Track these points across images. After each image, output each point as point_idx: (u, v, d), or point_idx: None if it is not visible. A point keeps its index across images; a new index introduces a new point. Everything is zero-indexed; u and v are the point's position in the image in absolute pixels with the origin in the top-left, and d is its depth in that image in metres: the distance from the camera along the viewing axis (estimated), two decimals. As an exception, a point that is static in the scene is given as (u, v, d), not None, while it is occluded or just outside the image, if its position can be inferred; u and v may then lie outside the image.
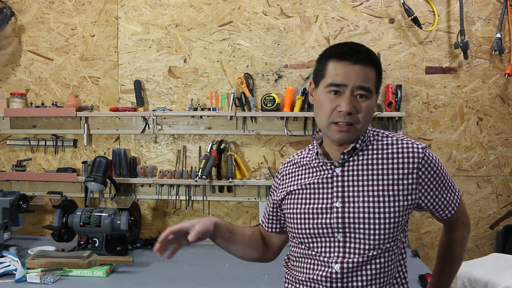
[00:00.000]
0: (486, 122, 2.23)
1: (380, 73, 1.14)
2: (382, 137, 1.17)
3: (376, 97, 1.14)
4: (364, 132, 1.15)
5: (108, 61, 2.36)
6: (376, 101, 1.15)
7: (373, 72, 1.11)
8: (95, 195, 2.35)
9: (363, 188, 1.13)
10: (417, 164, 1.11)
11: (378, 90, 1.16)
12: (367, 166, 1.14)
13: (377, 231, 1.11)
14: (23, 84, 2.41)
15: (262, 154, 2.30)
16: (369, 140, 1.16)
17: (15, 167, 2.35)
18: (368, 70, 1.09)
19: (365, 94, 1.09)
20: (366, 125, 1.13)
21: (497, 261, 1.84)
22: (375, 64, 1.12)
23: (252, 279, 1.78)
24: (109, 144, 2.38)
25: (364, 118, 1.10)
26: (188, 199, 2.32)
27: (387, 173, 1.12)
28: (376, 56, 1.16)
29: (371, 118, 1.14)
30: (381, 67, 1.15)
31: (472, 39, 2.20)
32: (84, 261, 1.77)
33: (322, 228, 1.15)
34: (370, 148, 1.16)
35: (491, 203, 2.26)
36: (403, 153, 1.13)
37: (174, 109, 2.33)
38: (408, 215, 1.16)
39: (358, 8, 2.24)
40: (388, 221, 1.11)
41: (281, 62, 2.28)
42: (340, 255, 1.13)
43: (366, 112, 1.10)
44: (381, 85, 1.18)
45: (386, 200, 1.11)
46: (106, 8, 2.34)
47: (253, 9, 2.27)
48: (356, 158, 1.15)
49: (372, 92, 1.10)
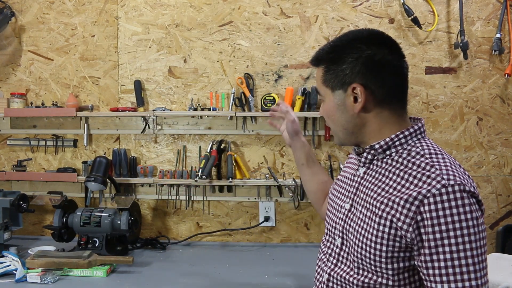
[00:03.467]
0: (486, 122, 2.24)
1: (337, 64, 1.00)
2: (416, 154, 0.96)
3: (334, 95, 1.02)
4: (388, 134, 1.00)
5: (108, 61, 2.36)
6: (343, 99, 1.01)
7: (320, 71, 1.05)
8: (95, 195, 2.35)
9: (367, 197, 0.99)
10: (422, 196, 0.87)
11: (341, 86, 1.00)
12: (382, 175, 0.99)
13: (363, 251, 0.96)
14: (23, 84, 2.41)
15: (262, 154, 2.30)
16: (401, 145, 1.00)
17: (15, 167, 2.35)
18: (318, 70, 1.06)
19: (319, 97, 1.10)
20: (334, 129, 1.07)
21: (497, 261, 1.84)
22: (322, 60, 1.04)
23: (252, 279, 1.78)
24: (109, 144, 2.38)
25: (327, 121, 1.08)
26: (188, 199, 2.32)
27: (391, 192, 0.94)
28: (332, 48, 1.02)
29: (336, 121, 1.05)
30: (338, 57, 1.00)
31: (472, 39, 2.20)
32: (84, 261, 1.77)
33: (330, 226, 1.10)
34: (396, 158, 0.99)
35: (491, 203, 2.26)
36: (419, 179, 0.91)
37: (174, 109, 2.33)
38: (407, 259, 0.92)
39: (358, 8, 2.24)
40: (370, 244, 0.94)
41: (281, 62, 2.28)
42: (332, 264, 1.06)
43: (325, 114, 1.08)
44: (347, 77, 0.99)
45: (376, 220, 0.94)
46: (106, 8, 2.35)
47: (253, 9, 2.27)
48: (380, 163, 1.02)
49: (320, 92, 1.07)
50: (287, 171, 2.30)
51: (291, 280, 1.73)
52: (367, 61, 0.97)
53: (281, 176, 2.29)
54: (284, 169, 2.30)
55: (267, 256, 2.09)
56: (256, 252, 2.16)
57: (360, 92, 0.97)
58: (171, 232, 2.37)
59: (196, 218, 2.36)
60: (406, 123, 1.03)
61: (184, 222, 2.36)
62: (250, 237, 2.33)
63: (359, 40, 0.99)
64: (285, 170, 2.30)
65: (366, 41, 0.99)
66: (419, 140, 1.00)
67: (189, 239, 2.31)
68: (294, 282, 1.72)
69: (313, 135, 2.24)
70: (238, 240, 2.34)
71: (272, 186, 2.28)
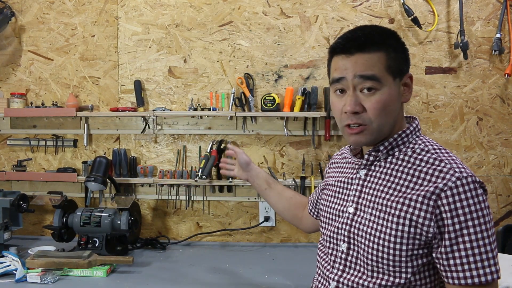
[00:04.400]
0: (486, 122, 2.24)
1: (397, 52, 0.98)
2: (421, 151, 0.97)
3: (394, 83, 0.97)
4: (396, 131, 1.00)
5: (108, 61, 2.36)
6: (399, 88, 0.98)
7: (378, 56, 0.95)
8: (95, 195, 2.35)
9: (377, 199, 0.98)
10: (439, 190, 0.89)
11: (400, 74, 0.98)
12: (390, 175, 0.98)
13: (380, 253, 0.95)
14: (23, 84, 2.41)
15: (262, 154, 2.30)
16: (403, 144, 1.00)
17: (15, 167, 2.35)
18: (371, 56, 0.94)
19: (371, 86, 0.94)
20: (384, 122, 0.97)
21: (497, 261, 1.84)
22: (382, 44, 0.96)
23: (252, 279, 1.78)
24: (109, 144, 2.38)
25: (376, 115, 0.95)
26: (188, 199, 2.32)
27: (405, 191, 0.94)
28: (385, 34, 0.99)
29: (390, 112, 0.97)
30: (397, 45, 0.99)
31: (472, 39, 2.20)
32: (84, 261, 1.77)
33: (331, 232, 1.06)
34: (401, 157, 0.99)
35: (491, 203, 2.26)
36: (431, 175, 0.92)
37: (174, 109, 2.33)
38: (424, 256, 0.93)
39: (358, 8, 2.24)
40: (389, 244, 0.94)
41: (281, 62, 2.28)
42: (339, 271, 1.03)
43: (376, 108, 0.95)
44: (409, 65, 1.03)
45: (393, 220, 0.94)
46: (106, 8, 2.35)
47: (253, 9, 2.27)
48: (383, 163, 1.01)
49: (380, 79, 0.94)
50: (287, 171, 2.30)
51: (291, 280, 1.73)
52: (408, 54, 1.03)
53: (281, 176, 2.29)
54: (284, 169, 2.30)
55: (267, 256, 2.09)
56: (256, 252, 2.16)
57: (410, 81, 1.01)
58: (171, 232, 2.37)
59: (196, 218, 2.36)
60: (404, 120, 1.07)
61: (184, 222, 2.36)
62: (250, 237, 2.33)
63: (395, 33, 1.03)
64: (285, 170, 2.30)
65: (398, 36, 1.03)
66: (418, 136, 1.02)
67: (189, 239, 2.31)
68: (294, 282, 1.71)
69: (313, 135, 2.24)
70: (238, 240, 2.34)
71: (272, 186, 2.28)
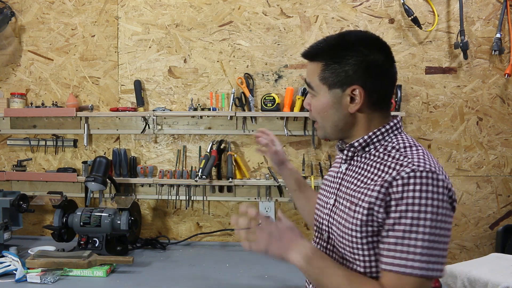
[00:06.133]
0: (486, 122, 2.24)
1: (341, 64, 1.00)
2: (392, 148, 1.02)
3: (330, 93, 1.02)
4: (372, 129, 1.04)
5: (108, 61, 2.36)
6: (338, 98, 1.02)
7: (315, 66, 1.04)
8: (95, 195, 2.35)
9: (348, 190, 1.04)
10: (391, 178, 0.92)
11: (340, 86, 1.01)
12: (361, 169, 1.04)
13: (344, 240, 1.01)
14: (23, 84, 2.41)
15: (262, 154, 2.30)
16: (378, 142, 1.05)
17: (15, 167, 2.35)
18: (312, 65, 1.06)
19: (309, 91, 1.08)
20: (324, 124, 1.07)
21: (497, 261, 1.84)
22: (321, 56, 1.03)
23: (252, 279, 1.78)
24: (109, 144, 2.38)
25: (316, 115, 1.08)
26: (188, 199, 2.32)
27: (369, 182, 0.99)
28: (335, 47, 1.03)
29: (327, 117, 1.05)
30: (344, 59, 1.00)
31: (472, 39, 2.20)
32: (84, 261, 1.77)
33: (318, 222, 1.15)
34: (373, 152, 1.04)
35: (491, 203, 2.26)
36: (392, 168, 0.95)
37: (174, 109, 2.33)
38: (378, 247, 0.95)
39: (358, 8, 2.24)
40: (349, 231, 0.99)
41: (281, 62, 2.28)
42: None
43: (315, 109, 1.07)
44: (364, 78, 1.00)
45: (355, 209, 0.98)
46: (106, 8, 2.34)
47: (253, 9, 2.27)
48: (360, 159, 1.07)
49: (313, 88, 1.05)
50: (287, 171, 2.30)
51: (291, 280, 1.73)
52: (370, 66, 1.01)
53: (281, 176, 2.28)
54: (284, 169, 2.30)
55: (267, 256, 2.09)
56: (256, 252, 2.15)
57: (359, 94, 1.01)
58: (171, 232, 2.37)
59: (196, 218, 2.36)
60: (389, 121, 1.09)
61: (184, 222, 2.36)
62: (250, 237, 2.33)
63: (362, 43, 1.02)
64: (285, 170, 2.30)
65: (368, 45, 1.02)
66: (395, 135, 1.05)
67: (189, 239, 2.31)
68: (294, 282, 1.71)
69: (313, 135, 2.24)
70: (238, 240, 2.33)
71: (272, 186, 2.28)
